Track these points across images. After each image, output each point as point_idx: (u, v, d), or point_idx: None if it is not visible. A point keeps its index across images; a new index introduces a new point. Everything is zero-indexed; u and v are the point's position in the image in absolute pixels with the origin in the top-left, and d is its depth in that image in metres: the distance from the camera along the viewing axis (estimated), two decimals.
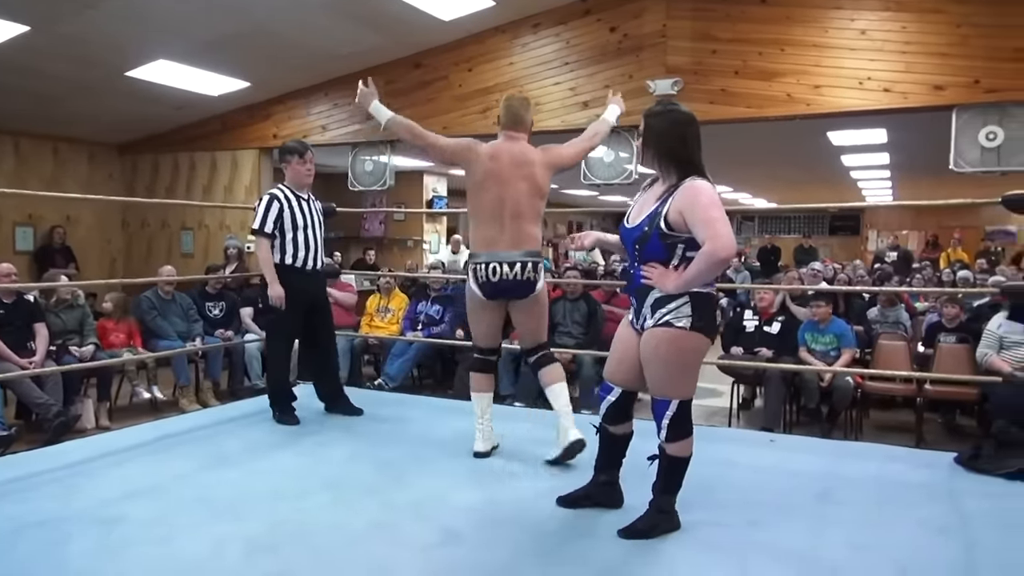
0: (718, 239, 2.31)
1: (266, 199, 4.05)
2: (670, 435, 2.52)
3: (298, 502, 2.87)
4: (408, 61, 7.53)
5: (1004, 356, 5.10)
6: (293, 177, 4.15)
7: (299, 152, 4.13)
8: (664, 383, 2.51)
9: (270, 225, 3.99)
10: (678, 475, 2.59)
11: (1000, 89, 5.52)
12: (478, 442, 3.48)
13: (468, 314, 3.54)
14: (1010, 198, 3.53)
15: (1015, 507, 2.92)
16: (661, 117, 2.54)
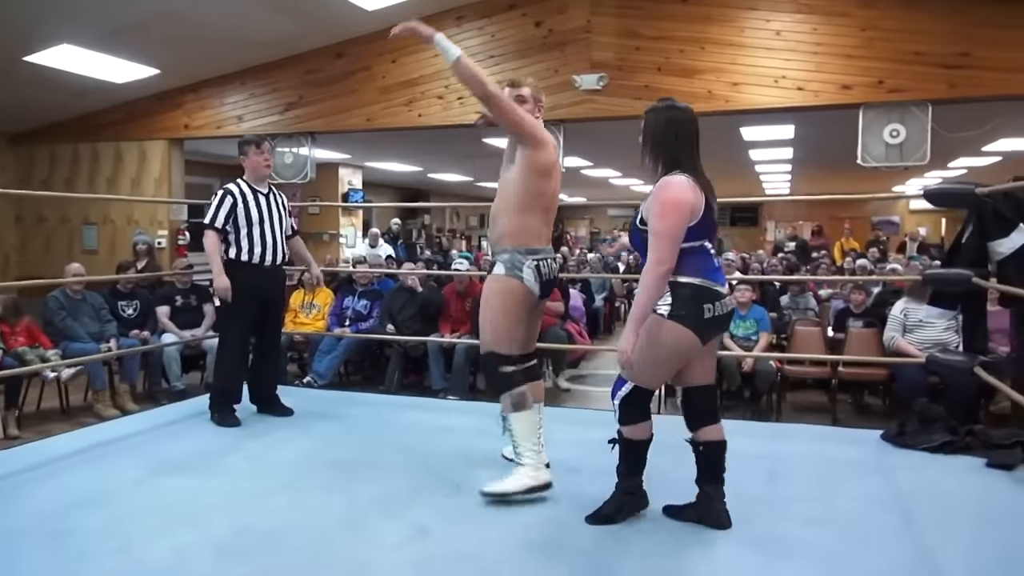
0: (656, 261, 2.39)
1: (220, 193, 3.97)
2: (623, 416, 2.56)
3: (258, 505, 2.79)
4: (329, 51, 7.36)
5: (908, 338, 5.47)
6: (252, 169, 4.07)
7: (255, 142, 4.06)
8: (626, 371, 2.54)
9: (220, 220, 3.90)
10: (636, 456, 2.62)
11: (902, 89, 5.90)
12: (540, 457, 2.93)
13: (504, 316, 2.87)
14: (932, 192, 3.79)
15: (941, 478, 3.15)
16: (658, 115, 2.56)
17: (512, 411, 2.87)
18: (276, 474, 3.15)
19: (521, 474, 2.83)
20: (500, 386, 2.89)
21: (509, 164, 2.98)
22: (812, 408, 6.16)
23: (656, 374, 2.56)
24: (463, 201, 18.90)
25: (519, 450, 2.86)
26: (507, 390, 2.87)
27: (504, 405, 2.90)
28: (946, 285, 3.79)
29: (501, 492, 2.81)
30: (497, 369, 2.87)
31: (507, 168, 2.98)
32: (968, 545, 2.49)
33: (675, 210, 2.41)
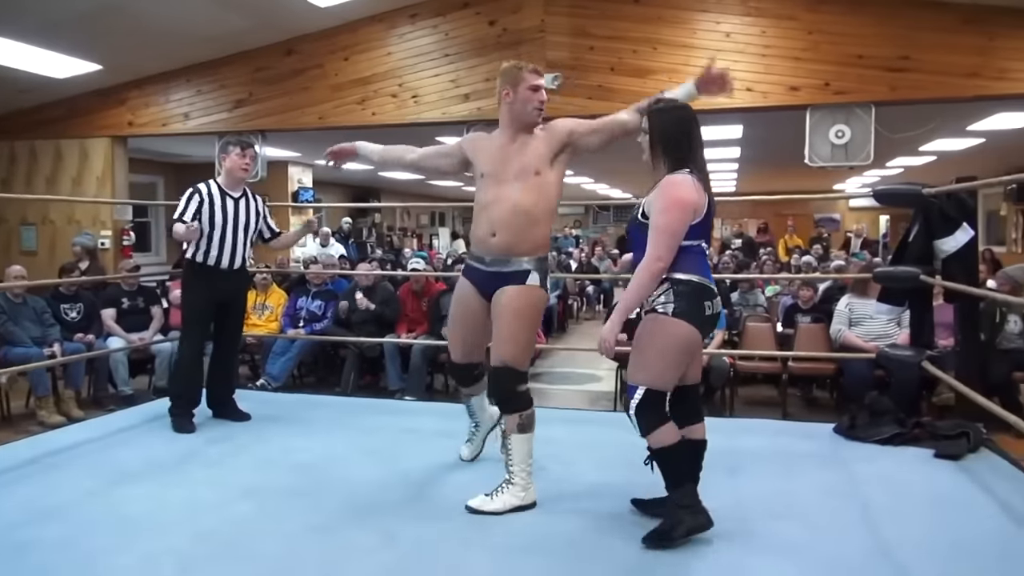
0: (653, 258, 2.39)
1: (189, 192, 3.91)
2: (642, 427, 2.47)
3: (221, 512, 2.74)
4: (280, 47, 7.24)
5: (854, 331, 5.64)
6: (228, 171, 3.99)
7: (240, 144, 3.98)
8: (637, 369, 2.48)
9: (188, 216, 3.85)
10: (675, 465, 2.50)
11: (847, 91, 6.08)
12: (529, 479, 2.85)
13: (530, 330, 2.80)
14: (880, 191, 3.92)
15: (892, 470, 3.27)
16: (665, 115, 2.54)
17: (517, 432, 2.78)
18: (237, 480, 3.09)
19: (510, 493, 2.77)
20: (514, 405, 2.77)
21: (545, 166, 2.77)
22: (763, 402, 6.31)
23: (666, 374, 2.48)
24: (414, 200, 18.79)
25: (513, 469, 2.79)
26: (520, 410, 2.77)
27: (510, 425, 2.79)
28: (895, 282, 3.92)
29: (489, 511, 2.73)
30: (514, 387, 2.75)
31: (543, 169, 2.76)
32: (922, 533, 2.58)
33: (680, 208, 2.42)
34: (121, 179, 8.06)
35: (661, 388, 2.48)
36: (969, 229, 3.70)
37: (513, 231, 2.72)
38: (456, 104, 6.90)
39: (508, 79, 2.82)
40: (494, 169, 2.78)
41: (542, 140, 2.80)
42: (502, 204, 2.73)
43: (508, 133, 2.82)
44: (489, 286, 2.80)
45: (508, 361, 2.73)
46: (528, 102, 2.78)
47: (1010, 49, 5.82)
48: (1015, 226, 13.25)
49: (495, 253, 2.74)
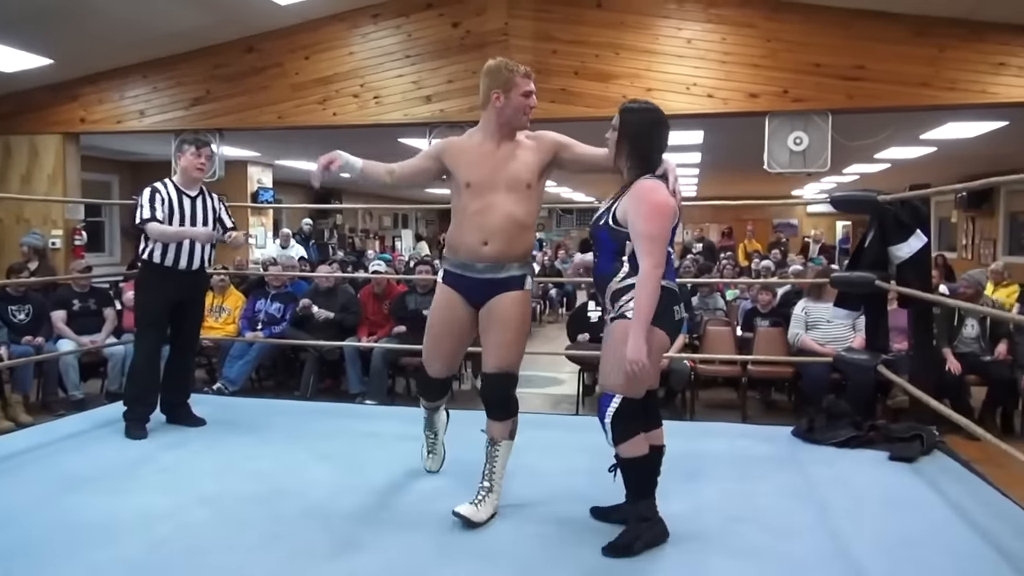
0: (654, 264, 2.34)
1: (147, 191, 3.82)
2: (615, 435, 2.44)
3: (175, 521, 2.67)
4: (239, 44, 7.12)
5: (811, 335, 5.74)
6: (184, 171, 3.91)
7: (196, 143, 3.89)
8: (611, 377, 2.44)
9: (159, 212, 3.76)
10: (640, 478, 2.50)
11: (805, 99, 6.19)
12: None
13: (525, 336, 2.83)
14: (837, 198, 3.99)
15: (849, 472, 3.32)
16: (640, 115, 2.50)
17: (508, 438, 2.74)
18: (193, 488, 3.01)
19: (490, 503, 2.71)
20: (511, 411, 2.72)
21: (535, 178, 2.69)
22: (723, 405, 6.37)
23: (642, 381, 2.47)
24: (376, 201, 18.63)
25: (495, 477, 2.73)
26: (514, 416, 2.73)
27: (500, 431, 2.72)
28: (850, 287, 3.99)
29: (476, 521, 2.64)
30: (512, 393, 2.71)
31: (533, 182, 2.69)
32: (877, 534, 2.63)
33: (666, 213, 2.40)
34: (73, 177, 7.84)
35: (636, 396, 2.46)
36: (923, 235, 3.77)
37: (506, 240, 2.65)
38: (418, 105, 6.86)
39: (499, 82, 2.67)
40: (481, 178, 2.65)
41: (531, 151, 2.69)
42: (494, 213, 2.63)
43: (494, 138, 2.70)
44: (480, 294, 2.71)
45: (509, 367, 2.67)
46: (520, 110, 2.67)
47: (959, 60, 5.97)
48: (965, 232, 13.63)
49: (487, 260, 2.67)
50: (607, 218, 2.49)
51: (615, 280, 2.47)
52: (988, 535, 2.59)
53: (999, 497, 2.96)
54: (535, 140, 2.73)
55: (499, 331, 2.67)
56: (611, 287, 2.48)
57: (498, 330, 2.67)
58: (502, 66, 2.70)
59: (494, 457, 2.73)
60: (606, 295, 2.52)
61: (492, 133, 2.71)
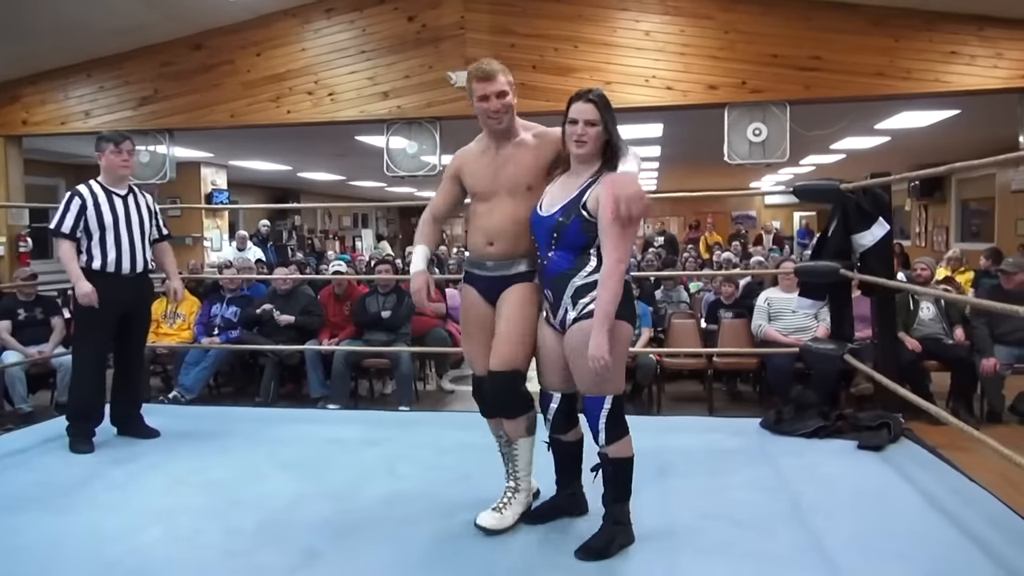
0: (622, 259, 2.31)
1: (67, 196, 3.62)
2: (609, 436, 2.39)
3: (127, 540, 2.53)
4: (187, 41, 6.91)
5: (774, 325, 5.75)
6: (107, 170, 3.71)
7: (114, 141, 3.69)
8: (596, 379, 2.36)
9: (68, 225, 3.55)
10: (626, 479, 2.47)
11: (763, 90, 6.20)
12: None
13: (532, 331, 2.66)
14: (800, 188, 3.97)
15: (818, 462, 3.30)
16: (608, 102, 2.41)
17: (525, 435, 2.62)
18: (145, 504, 2.88)
19: (518, 502, 2.62)
20: (523, 408, 2.59)
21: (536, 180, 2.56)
22: (689, 398, 6.37)
23: (623, 376, 2.45)
24: (335, 200, 18.39)
25: (520, 475, 2.63)
26: (527, 412, 2.60)
27: (518, 429, 2.59)
28: (815, 277, 3.98)
29: (501, 528, 2.55)
30: (520, 389, 2.57)
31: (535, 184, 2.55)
32: (850, 525, 2.60)
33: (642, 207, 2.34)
34: (16, 181, 7.55)
35: (621, 393, 2.44)
36: (885, 224, 3.78)
37: (509, 239, 2.57)
38: (375, 102, 6.73)
39: (468, 91, 2.58)
40: (484, 186, 2.61)
41: (532, 151, 2.57)
42: (495, 216, 2.58)
43: (492, 144, 2.61)
44: (493, 290, 2.63)
45: (511, 364, 2.53)
46: (483, 114, 2.54)
47: (914, 50, 6.04)
48: (918, 220, 13.90)
49: (495, 259, 2.61)
50: (576, 211, 2.37)
51: (580, 276, 2.38)
52: (960, 523, 2.58)
53: (968, 483, 2.96)
54: (539, 139, 2.61)
55: (503, 326, 2.57)
56: (574, 283, 2.38)
57: (502, 325, 2.57)
58: (469, 72, 2.59)
59: (514, 456, 2.64)
60: (565, 292, 2.39)
61: (486, 139, 2.65)
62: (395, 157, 6.81)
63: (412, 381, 5.87)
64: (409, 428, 4.05)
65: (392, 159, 6.81)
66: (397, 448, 3.58)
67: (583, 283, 2.37)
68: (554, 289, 2.43)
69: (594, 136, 2.37)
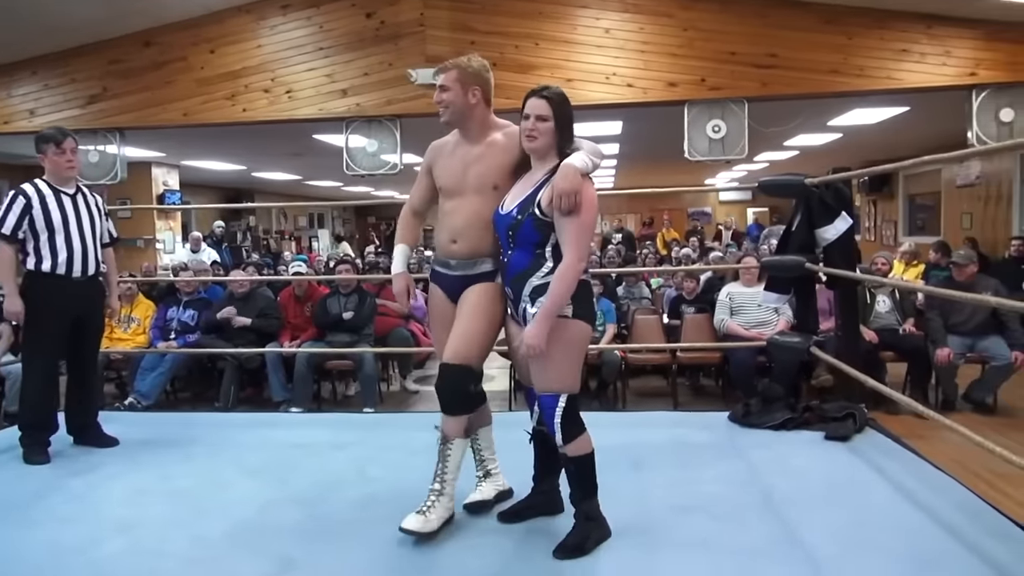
0: (580, 258, 2.31)
1: (11, 195, 3.45)
2: (565, 435, 2.38)
3: (88, 554, 2.43)
4: (137, 38, 6.72)
5: (735, 320, 5.82)
6: (52, 171, 3.55)
7: (55, 140, 3.51)
8: (552, 377, 2.37)
9: (10, 226, 3.38)
10: (589, 475, 2.46)
11: (722, 87, 6.27)
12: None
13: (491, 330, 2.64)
14: (766, 183, 4.02)
15: (787, 454, 3.33)
16: (566, 104, 2.40)
17: (462, 436, 2.57)
18: (106, 516, 2.77)
19: (442, 506, 2.55)
20: (465, 406, 2.55)
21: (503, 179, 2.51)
22: (653, 393, 6.42)
23: (578, 375, 2.45)
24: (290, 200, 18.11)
25: (447, 478, 2.56)
26: (469, 412, 2.57)
27: (457, 428, 2.55)
28: (781, 271, 4.03)
29: (426, 532, 2.47)
30: (467, 386, 2.52)
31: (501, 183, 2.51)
32: (823, 515, 2.63)
33: (594, 207, 2.34)
34: None
35: (576, 392, 2.42)
36: (848, 218, 3.84)
37: (473, 238, 2.54)
38: (334, 100, 6.63)
39: None
40: (452, 183, 2.59)
41: (501, 150, 2.54)
42: (461, 214, 2.56)
43: (464, 142, 2.60)
44: (457, 289, 2.61)
45: (466, 359, 2.49)
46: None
47: (867, 48, 6.16)
48: (868, 215, 14.22)
49: (458, 257, 2.58)
50: (531, 208, 2.36)
51: (537, 275, 2.37)
52: (930, 510, 2.63)
53: (933, 471, 3.02)
54: (508, 138, 2.57)
55: (460, 323, 2.54)
56: (531, 283, 2.38)
57: (459, 322, 2.55)
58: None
59: (446, 456, 2.56)
60: (523, 291, 2.39)
61: (459, 134, 2.63)
62: (355, 156, 6.72)
63: (376, 382, 5.80)
64: (376, 430, 3.99)
65: (352, 158, 6.72)
66: (365, 451, 3.52)
67: (540, 283, 2.37)
68: (514, 287, 2.44)
69: (544, 131, 2.36)
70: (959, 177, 10.59)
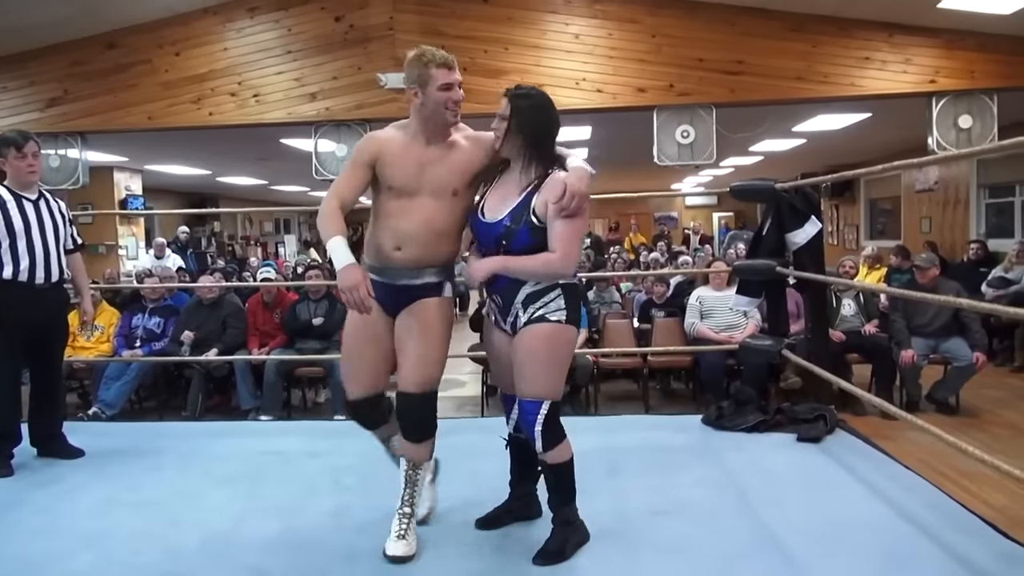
0: (568, 257, 2.30)
1: None
2: (546, 442, 2.34)
3: (56, 568, 2.37)
4: (99, 40, 6.59)
5: (705, 323, 5.88)
6: (13, 175, 3.45)
7: (15, 144, 3.40)
8: (538, 382, 2.32)
9: None
10: (568, 482, 2.43)
11: (690, 93, 6.34)
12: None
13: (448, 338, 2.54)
14: (737, 187, 4.06)
15: (761, 456, 3.37)
16: (532, 100, 2.34)
17: (429, 458, 2.51)
18: (74, 529, 2.70)
19: (413, 527, 2.47)
20: (430, 431, 2.46)
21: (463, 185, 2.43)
22: (623, 397, 6.44)
23: (562, 383, 2.42)
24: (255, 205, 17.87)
25: (417, 500, 2.49)
26: (433, 436, 2.48)
27: (421, 453, 2.46)
28: (752, 274, 4.08)
29: (412, 554, 2.40)
30: (434, 413, 2.43)
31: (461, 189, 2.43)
32: (799, 515, 2.66)
33: (586, 210, 2.34)
34: None
35: (559, 399, 2.39)
36: (817, 222, 3.90)
37: (420, 245, 2.40)
38: (302, 104, 6.57)
39: (413, 77, 2.39)
40: (405, 182, 2.40)
41: (465, 154, 2.44)
42: (411, 217, 2.39)
43: (420, 138, 2.42)
44: (395, 300, 2.47)
45: (431, 385, 2.40)
46: (441, 104, 2.37)
47: (830, 55, 6.28)
48: (830, 219, 14.47)
49: (402, 266, 2.43)
50: (526, 215, 2.32)
51: (530, 283, 2.34)
52: (903, 509, 2.67)
53: (903, 470, 3.08)
54: (472, 143, 2.48)
55: (419, 344, 2.42)
56: (524, 290, 2.34)
57: (418, 342, 2.42)
58: (416, 57, 2.39)
59: (415, 481, 2.48)
60: (515, 299, 2.35)
61: (417, 132, 2.44)
62: (324, 160, 6.66)
63: None
64: (349, 437, 3.88)
65: (321, 162, 6.65)
66: (340, 459, 3.47)
67: (533, 290, 2.34)
68: (504, 296, 2.38)
69: (502, 130, 2.34)
70: (918, 182, 10.85)
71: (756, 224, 5.17)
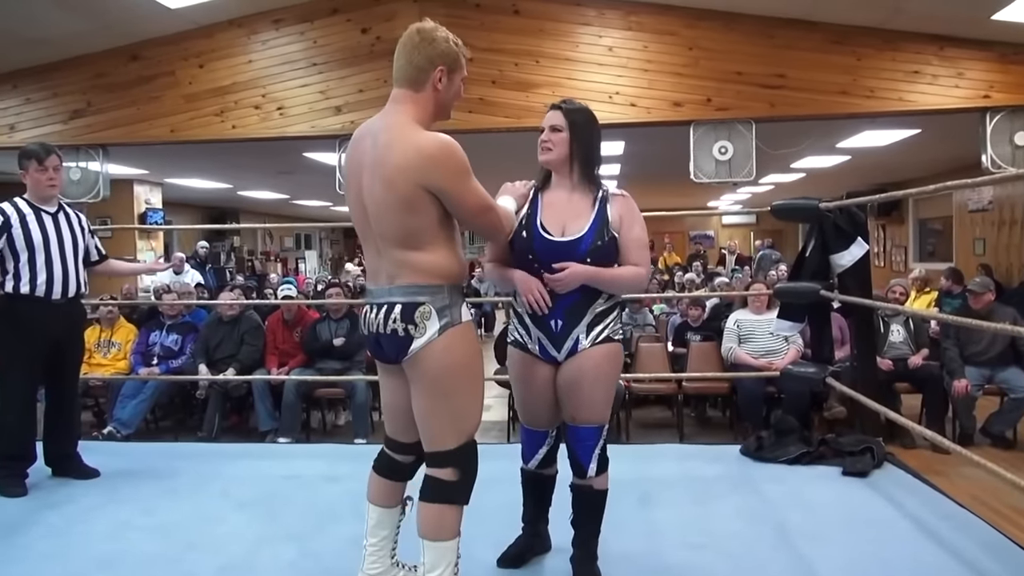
0: (648, 269, 2.35)
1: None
2: (600, 466, 2.28)
3: None
4: (123, 52, 6.50)
5: (743, 348, 5.60)
6: (32, 188, 3.38)
7: (36, 157, 3.34)
8: (599, 406, 2.25)
9: None
10: (603, 511, 2.36)
11: (728, 108, 6.10)
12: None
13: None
14: (778, 207, 3.82)
15: (803, 489, 3.16)
16: (586, 115, 2.33)
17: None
18: (87, 551, 2.58)
19: None
20: (467, 493, 2.04)
21: None
22: (657, 424, 6.16)
23: (611, 406, 2.38)
24: (276, 221, 17.82)
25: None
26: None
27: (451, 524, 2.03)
28: (795, 298, 3.83)
29: None
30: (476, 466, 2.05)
31: None
32: (842, 553, 2.49)
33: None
34: None
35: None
36: (863, 243, 3.66)
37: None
38: (327, 117, 6.42)
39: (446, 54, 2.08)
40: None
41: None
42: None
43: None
44: None
45: (467, 436, 2.02)
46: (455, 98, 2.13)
47: (876, 69, 6.01)
48: (877, 240, 13.93)
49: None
50: (608, 230, 2.26)
51: (599, 301, 2.26)
52: (955, 550, 2.48)
53: (956, 508, 2.89)
54: None
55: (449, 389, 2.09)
56: (593, 309, 2.25)
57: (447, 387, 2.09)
58: (451, 39, 2.08)
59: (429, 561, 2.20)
60: (582, 320, 2.23)
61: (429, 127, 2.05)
62: None
63: (368, 411, 5.52)
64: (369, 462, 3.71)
65: None
66: (360, 484, 3.18)
67: (602, 309, 2.26)
68: (567, 318, 2.24)
69: (558, 142, 2.30)
70: (971, 201, 10.36)
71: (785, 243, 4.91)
